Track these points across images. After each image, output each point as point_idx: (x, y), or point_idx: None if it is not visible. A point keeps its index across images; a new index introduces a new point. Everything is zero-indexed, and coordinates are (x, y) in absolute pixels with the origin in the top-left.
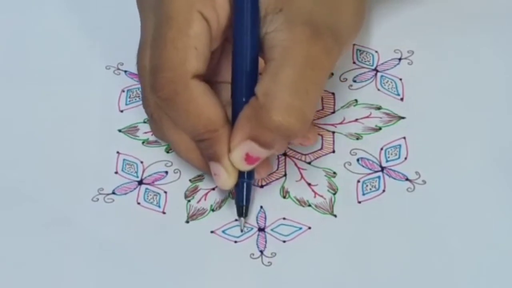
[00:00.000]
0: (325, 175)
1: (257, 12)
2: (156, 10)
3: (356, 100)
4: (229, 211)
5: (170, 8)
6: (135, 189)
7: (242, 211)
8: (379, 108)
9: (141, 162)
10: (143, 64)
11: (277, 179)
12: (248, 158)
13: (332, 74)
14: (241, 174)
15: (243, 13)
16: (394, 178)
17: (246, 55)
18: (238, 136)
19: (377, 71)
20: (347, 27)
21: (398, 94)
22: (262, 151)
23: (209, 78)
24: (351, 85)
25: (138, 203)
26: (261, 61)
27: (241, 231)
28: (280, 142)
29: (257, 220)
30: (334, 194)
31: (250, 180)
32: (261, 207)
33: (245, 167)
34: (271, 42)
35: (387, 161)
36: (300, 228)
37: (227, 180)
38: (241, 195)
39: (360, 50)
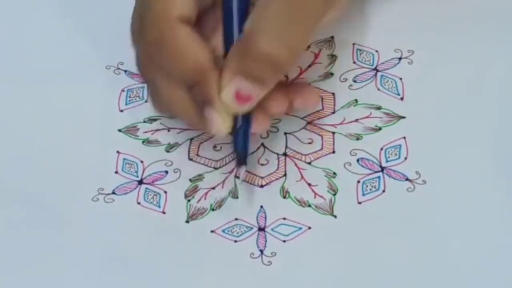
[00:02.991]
0: (325, 176)
1: None
2: None
3: (356, 100)
4: (229, 210)
5: None
6: (135, 189)
7: (241, 158)
8: (379, 108)
9: (141, 162)
10: (135, 27)
11: (277, 179)
12: (238, 96)
13: (332, 74)
14: (237, 120)
15: None
16: (394, 178)
17: None
18: (227, 74)
19: (377, 70)
20: None
21: (398, 94)
22: (252, 88)
23: None
24: (351, 85)
25: (138, 203)
26: None
27: (242, 180)
28: (270, 76)
29: (257, 219)
30: (334, 194)
31: (247, 126)
32: (261, 206)
33: (238, 108)
34: None
35: (387, 161)
36: (300, 228)
37: (222, 125)
38: (239, 142)
39: (360, 50)
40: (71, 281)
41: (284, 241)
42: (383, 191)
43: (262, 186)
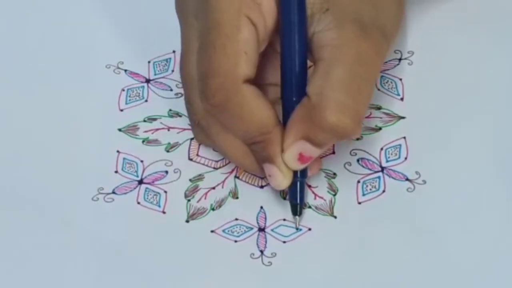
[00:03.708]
0: (325, 176)
1: (304, 12)
2: (200, 16)
3: None
4: (229, 210)
5: (217, 14)
6: (135, 188)
7: (297, 210)
8: (379, 108)
9: (141, 161)
10: (188, 72)
11: None
12: (301, 157)
13: None
14: (294, 173)
15: (290, 13)
16: (394, 178)
17: (294, 54)
18: (291, 136)
19: None
20: (391, 22)
21: (398, 94)
22: (315, 150)
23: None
24: None
25: (138, 203)
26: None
27: (296, 229)
28: (333, 141)
29: (257, 220)
30: (334, 195)
31: (303, 178)
32: (261, 207)
33: (298, 167)
34: (319, 42)
35: (387, 161)
36: (300, 229)
37: (283, 180)
38: (295, 194)
39: None
40: (71, 281)
41: (284, 241)
42: (383, 191)
43: (262, 187)
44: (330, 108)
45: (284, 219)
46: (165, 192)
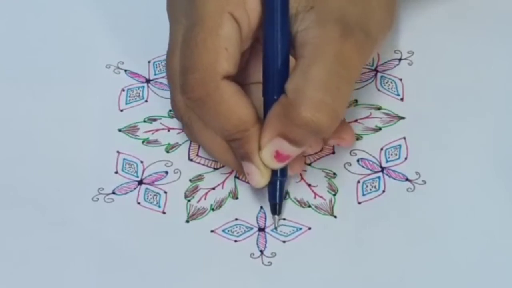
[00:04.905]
0: (325, 176)
1: (287, 10)
2: (187, 13)
3: (356, 100)
4: (229, 210)
5: (202, 11)
6: (135, 189)
7: (276, 209)
8: (379, 108)
9: (141, 162)
10: (173, 66)
11: None
12: (278, 155)
13: None
14: (274, 172)
15: (274, 11)
16: (394, 179)
17: (277, 53)
18: (267, 133)
19: (377, 71)
20: (378, 24)
21: (398, 94)
22: (292, 149)
23: (239, 80)
24: None
25: (138, 203)
26: (292, 60)
27: (275, 228)
28: (310, 139)
29: (257, 220)
30: (334, 195)
31: (283, 178)
32: (261, 207)
33: (276, 165)
34: (302, 40)
35: (387, 161)
36: (300, 229)
37: (260, 179)
38: (273, 193)
39: None
40: (71, 281)
41: (284, 241)
42: (383, 191)
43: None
44: (305, 104)
45: (284, 219)
46: (165, 192)
